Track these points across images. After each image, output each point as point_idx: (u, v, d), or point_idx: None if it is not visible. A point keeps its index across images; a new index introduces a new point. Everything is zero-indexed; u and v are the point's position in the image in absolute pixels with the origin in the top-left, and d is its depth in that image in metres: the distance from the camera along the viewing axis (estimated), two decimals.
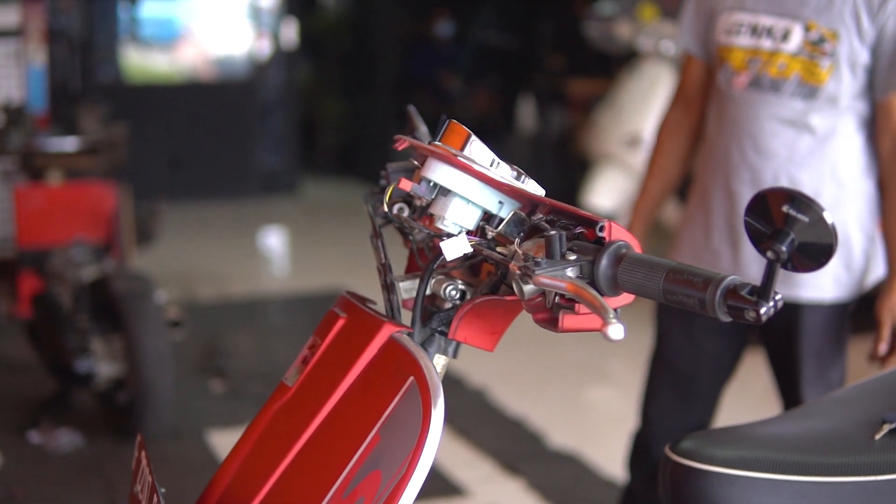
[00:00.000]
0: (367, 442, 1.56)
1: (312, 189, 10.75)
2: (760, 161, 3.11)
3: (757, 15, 3.08)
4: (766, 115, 3.08)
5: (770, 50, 3.05)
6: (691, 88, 3.38)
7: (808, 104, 3.03)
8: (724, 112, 3.19)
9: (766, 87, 3.08)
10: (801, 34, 3.00)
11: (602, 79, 9.52)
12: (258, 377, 5.52)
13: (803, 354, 3.18)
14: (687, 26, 3.33)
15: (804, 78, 3.02)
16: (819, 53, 2.99)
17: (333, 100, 11.62)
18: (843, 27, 2.95)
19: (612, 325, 1.39)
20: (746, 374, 3.57)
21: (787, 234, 1.42)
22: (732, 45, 3.13)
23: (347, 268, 7.89)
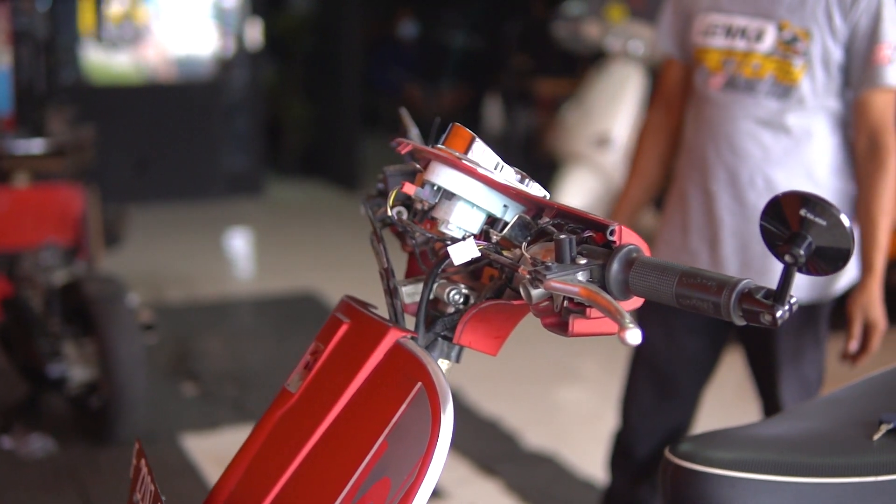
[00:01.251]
0: (374, 449, 1.54)
1: (277, 190, 10.71)
2: (736, 161, 3.12)
3: (731, 16, 3.09)
4: (742, 116, 3.09)
5: (744, 50, 3.06)
6: (671, 90, 3.38)
7: (782, 104, 3.04)
8: (701, 113, 3.20)
9: (741, 88, 3.08)
10: (774, 34, 3.02)
11: (568, 79, 9.53)
12: (230, 379, 5.49)
13: (781, 354, 3.19)
14: (665, 28, 3.33)
15: (778, 78, 3.03)
16: (792, 53, 3.00)
17: (298, 101, 11.58)
18: (815, 26, 2.97)
19: (629, 329, 1.38)
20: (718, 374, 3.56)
21: (805, 238, 1.42)
22: (708, 47, 3.14)
23: (315, 269, 7.86)
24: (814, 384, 3.28)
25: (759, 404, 3.39)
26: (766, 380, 3.28)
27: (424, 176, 1.73)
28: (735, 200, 3.14)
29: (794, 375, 3.22)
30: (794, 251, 1.42)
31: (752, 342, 3.31)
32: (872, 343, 3.05)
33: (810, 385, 3.27)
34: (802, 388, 3.25)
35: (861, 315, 3.02)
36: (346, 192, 10.69)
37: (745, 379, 5.39)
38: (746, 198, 3.12)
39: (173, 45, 10.25)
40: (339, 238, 8.96)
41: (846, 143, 3.12)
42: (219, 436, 4.79)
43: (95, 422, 4.64)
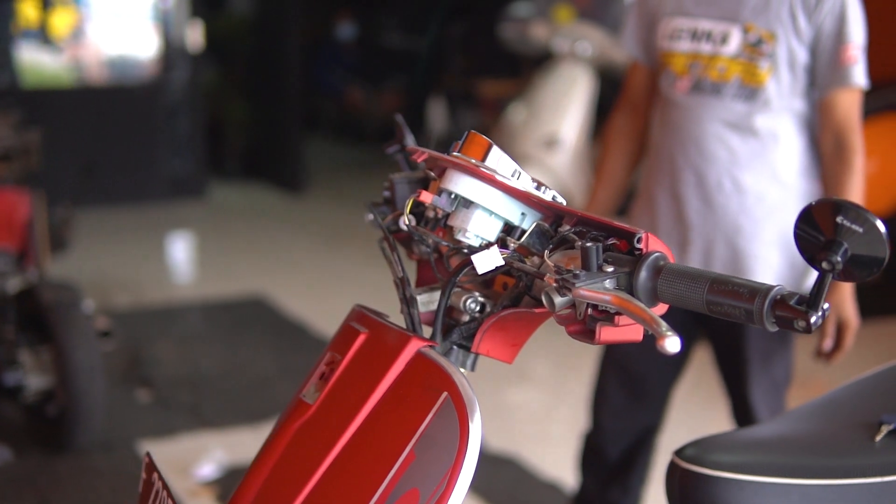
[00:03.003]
0: (401, 459, 1.52)
1: (220, 193, 10.64)
2: (704, 164, 3.13)
3: (696, 19, 3.10)
4: (709, 119, 3.10)
5: (710, 53, 3.08)
6: (636, 94, 3.39)
7: (749, 106, 3.06)
8: (668, 117, 3.21)
9: (707, 91, 3.10)
10: (739, 36, 3.03)
11: (512, 80, 9.55)
12: (185, 385, 5.45)
13: (751, 354, 3.21)
14: (631, 32, 3.34)
15: (744, 80, 3.05)
16: (758, 55, 3.02)
17: (239, 103, 11.52)
18: (780, 27, 2.99)
19: (668, 337, 1.38)
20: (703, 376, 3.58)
21: (841, 245, 1.42)
22: (673, 51, 3.15)
23: (263, 272, 7.82)
24: (782, 383, 3.30)
25: (728, 403, 3.41)
26: (736, 380, 3.30)
27: (441, 184, 1.71)
28: (703, 203, 3.15)
29: (764, 375, 3.24)
30: (832, 258, 1.42)
31: (721, 342, 3.33)
32: (846, 341, 3.08)
33: (779, 384, 3.29)
34: (771, 388, 3.28)
35: (834, 314, 3.05)
36: (289, 195, 10.64)
37: None
38: (714, 200, 3.13)
39: (109, 46, 10.14)
40: (284, 241, 8.91)
41: (812, 144, 3.14)
42: (177, 443, 4.75)
43: (53, 430, 4.58)
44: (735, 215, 3.12)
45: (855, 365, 5.70)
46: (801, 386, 5.46)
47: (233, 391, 5.42)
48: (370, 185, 11.34)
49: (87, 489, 4.32)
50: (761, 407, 3.27)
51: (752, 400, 3.26)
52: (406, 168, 2.11)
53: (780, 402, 3.32)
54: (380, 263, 6.84)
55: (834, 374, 5.54)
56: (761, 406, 3.27)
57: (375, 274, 7.87)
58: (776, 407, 3.30)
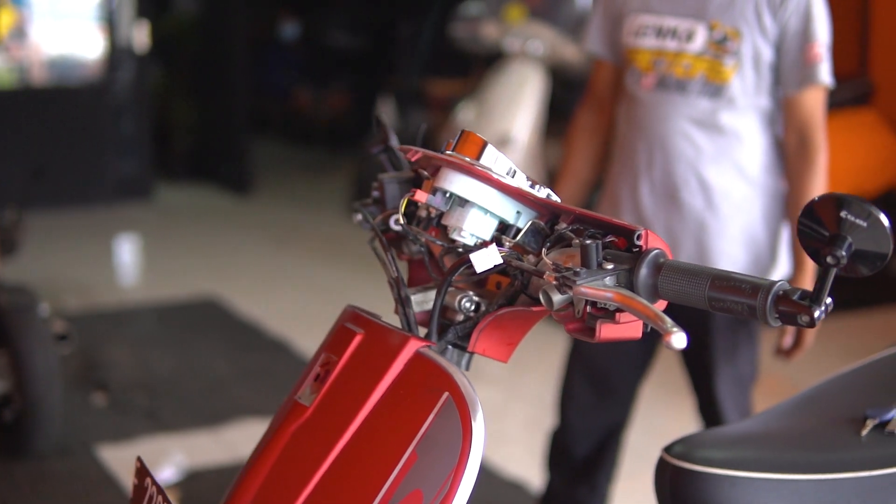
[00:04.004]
0: (403, 461, 1.52)
1: (167, 194, 10.55)
2: (669, 161, 3.14)
3: (662, 16, 3.11)
4: (674, 116, 3.11)
5: (675, 51, 3.09)
6: (601, 91, 3.40)
7: (714, 103, 3.07)
8: (633, 113, 3.21)
9: (672, 88, 3.11)
10: (704, 34, 3.04)
11: (461, 79, 9.54)
12: (140, 388, 5.40)
13: (716, 351, 3.23)
14: (596, 29, 3.35)
15: (709, 77, 3.06)
16: (722, 52, 3.03)
17: (185, 103, 11.43)
18: (745, 25, 3.00)
19: (675, 333, 1.38)
20: None
21: (845, 239, 1.42)
22: (639, 47, 3.16)
23: (213, 274, 7.77)
24: (748, 380, 3.32)
25: (694, 400, 3.42)
26: (702, 376, 3.31)
27: (435, 183, 1.71)
28: (668, 199, 3.16)
29: (729, 372, 3.26)
30: (837, 253, 1.42)
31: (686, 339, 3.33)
32: (806, 339, 3.10)
33: (744, 381, 3.31)
34: (737, 385, 3.29)
35: None
36: (236, 196, 10.58)
37: None
38: (680, 197, 3.15)
39: (52, 47, 10.03)
40: (234, 242, 8.86)
41: (777, 141, 3.16)
42: (135, 446, 4.70)
43: (9, 435, 4.52)
44: (700, 212, 3.13)
45: (833, 357, 5.75)
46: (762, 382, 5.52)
47: (189, 394, 5.37)
48: (318, 186, 11.32)
49: (46, 495, 4.27)
50: (727, 403, 3.28)
51: (717, 396, 3.28)
52: (390, 168, 2.10)
53: (746, 397, 3.34)
54: (330, 263, 6.86)
55: (798, 371, 5.58)
56: (727, 402, 3.28)
57: (327, 274, 7.87)
58: (742, 403, 3.32)
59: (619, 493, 3.83)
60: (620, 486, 3.81)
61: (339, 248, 8.70)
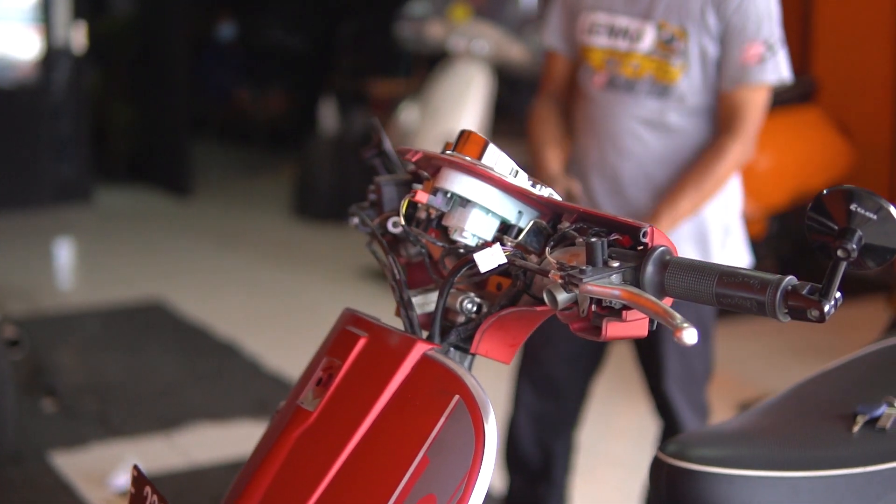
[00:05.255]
0: (414, 465, 1.50)
1: (106, 197, 10.44)
2: (619, 160, 3.15)
3: (614, 15, 3.12)
4: (624, 116, 3.12)
5: (625, 50, 3.10)
6: (556, 83, 3.38)
7: (662, 103, 3.08)
8: (585, 111, 3.22)
9: (621, 88, 3.12)
10: (653, 34, 3.06)
11: (403, 79, 9.53)
12: (90, 393, 5.33)
13: (666, 347, 3.23)
14: (554, 24, 3.34)
15: (657, 77, 3.08)
16: (670, 52, 3.04)
17: (123, 105, 11.32)
18: (692, 25, 3.02)
19: (686, 329, 1.38)
20: None
21: (855, 232, 1.42)
22: (591, 45, 3.17)
23: (157, 277, 7.71)
24: (701, 377, 3.33)
25: (648, 398, 3.42)
26: (654, 374, 3.32)
27: (436, 183, 1.69)
28: (618, 197, 3.17)
29: (681, 369, 3.27)
30: (847, 246, 1.42)
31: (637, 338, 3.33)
32: None
33: (698, 378, 3.32)
34: (690, 382, 3.30)
35: None
36: (177, 198, 10.49)
37: None
38: (628, 195, 3.15)
39: None
40: (176, 245, 8.79)
41: None
42: (88, 452, 4.65)
43: None
44: (648, 210, 3.13)
45: (789, 355, 5.80)
46: (718, 380, 5.56)
47: (140, 398, 5.32)
48: (259, 187, 11.27)
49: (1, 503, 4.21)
50: (681, 400, 3.28)
51: (670, 393, 3.28)
52: (384, 172, 2.08)
53: (701, 394, 3.35)
54: (275, 264, 6.83)
55: (754, 368, 5.62)
56: (681, 399, 3.28)
57: (272, 274, 7.83)
58: (697, 400, 3.33)
59: (578, 485, 3.83)
60: (577, 479, 3.81)
61: (283, 248, 8.66)
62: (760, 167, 6.62)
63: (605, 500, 4.28)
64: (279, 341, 6.23)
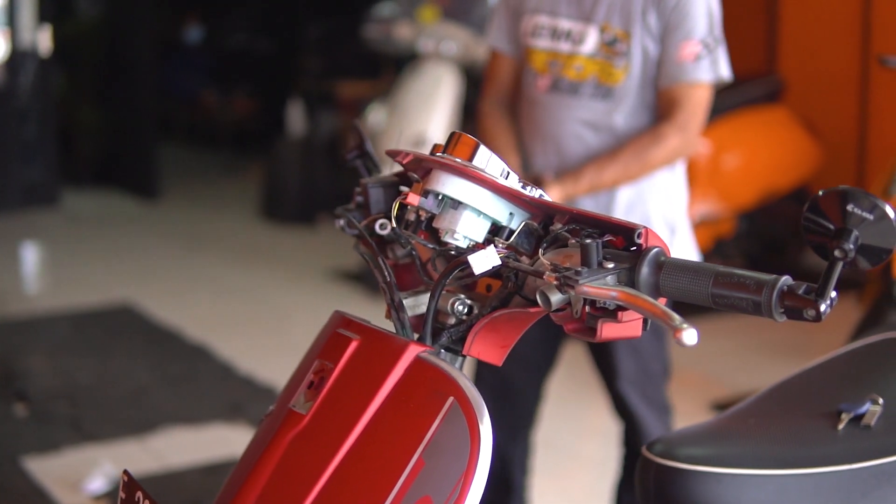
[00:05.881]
0: (409, 467, 1.50)
1: (74, 200, 10.39)
2: (564, 162, 3.15)
3: (557, 18, 3.13)
4: (568, 118, 3.13)
5: (568, 53, 3.11)
6: (501, 84, 3.36)
7: (606, 105, 3.09)
8: (530, 114, 3.22)
9: (564, 90, 3.12)
10: (596, 36, 3.07)
11: (370, 81, 9.52)
12: (62, 398, 5.30)
13: (618, 349, 3.23)
14: (499, 25, 3.33)
15: (601, 79, 3.09)
16: (613, 54, 3.06)
17: (89, 108, 11.27)
18: (633, 26, 3.04)
19: (685, 330, 1.38)
20: None
21: (851, 232, 1.44)
22: (534, 48, 3.18)
23: (126, 280, 7.68)
24: (659, 376, 3.32)
25: (606, 398, 3.41)
26: (608, 374, 3.31)
27: (427, 185, 1.69)
28: (566, 198, 3.17)
29: (636, 369, 3.26)
30: (845, 246, 1.44)
31: None
32: None
33: (655, 377, 3.31)
34: (646, 381, 3.29)
35: None
36: (144, 201, 10.46)
37: None
38: (574, 197, 3.14)
39: None
40: (144, 248, 8.76)
41: None
42: (62, 457, 4.62)
43: None
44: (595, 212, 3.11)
45: (751, 352, 5.82)
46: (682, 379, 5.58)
47: (112, 402, 5.29)
48: (225, 189, 11.24)
49: None
50: (638, 400, 3.26)
51: (625, 393, 3.26)
52: (366, 174, 2.08)
53: (660, 393, 3.34)
54: (244, 266, 6.82)
55: (718, 367, 5.65)
56: (638, 399, 3.26)
57: (241, 277, 7.82)
58: (657, 399, 3.32)
59: (552, 489, 3.84)
60: (554, 485, 3.82)
61: (252, 250, 8.64)
62: (728, 167, 6.66)
63: (576, 499, 4.29)
64: (250, 344, 6.22)
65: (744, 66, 7.72)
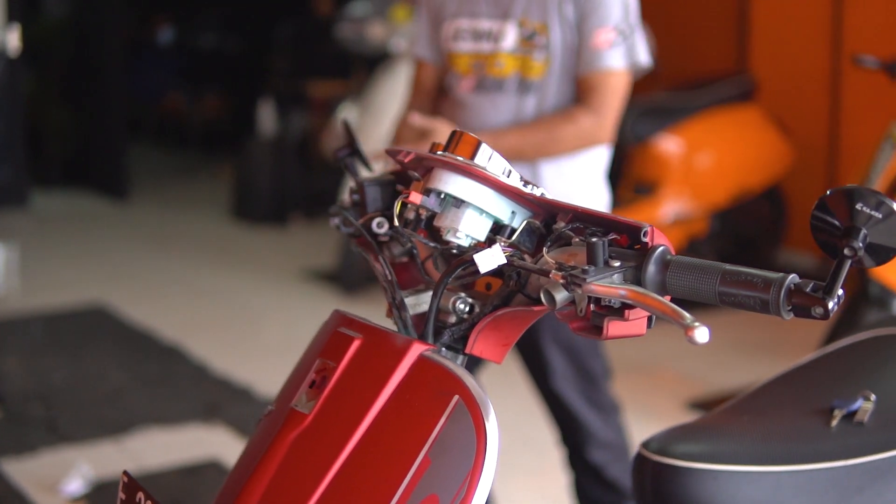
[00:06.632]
0: (415, 466, 1.50)
1: (43, 201, 10.34)
2: None
3: (477, 19, 3.14)
4: (493, 115, 3.13)
5: (490, 52, 3.12)
6: (425, 93, 3.35)
7: (530, 99, 3.09)
8: (456, 117, 3.20)
9: (489, 88, 3.13)
10: (515, 31, 3.08)
11: (341, 80, 9.52)
12: (36, 399, 5.28)
13: (547, 347, 3.20)
14: (422, 34, 3.33)
15: (523, 74, 3.10)
16: (532, 48, 3.07)
17: (58, 108, 11.21)
18: (550, 18, 3.04)
19: (697, 328, 1.39)
20: None
21: (860, 231, 1.45)
22: (457, 52, 3.18)
23: (98, 281, 7.65)
24: (599, 375, 3.29)
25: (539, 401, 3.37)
26: (540, 374, 3.28)
27: (429, 184, 1.69)
28: None
29: (572, 369, 3.22)
30: (854, 244, 1.45)
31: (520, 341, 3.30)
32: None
33: (595, 377, 3.28)
34: (586, 381, 3.27)
35: None
36: (114, 202, 10.42)
37: None
38: None
39: None
40: (115, 248, 8.73)
41: None
42: (38, 459, 4.60)
43: None
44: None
45: (727, 351, 5.83)
46: (660, 376, 5.60)
47: (87, 403, 5.27)
48: (195, 189, 11.21)
49: None
50: (576, 400, 3.23)
51: (562, 392, 3.23)
52: (355, 172, 2.08)
53: (602, 394, 3.32)
54: (216, 266, 6.80)
55: (695, 364, 5.67)
56: (576, 399, 3.23)
57: (213, 277, 7.80)
58: (599, 400, 3.30)
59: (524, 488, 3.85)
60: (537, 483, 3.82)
61: (223, 250, 8.63)
62: (701, 166, 6.68)
63: (556, 498, 4.29)
64: (224, 344, 6.20)
65: (715, 65, 7.76)
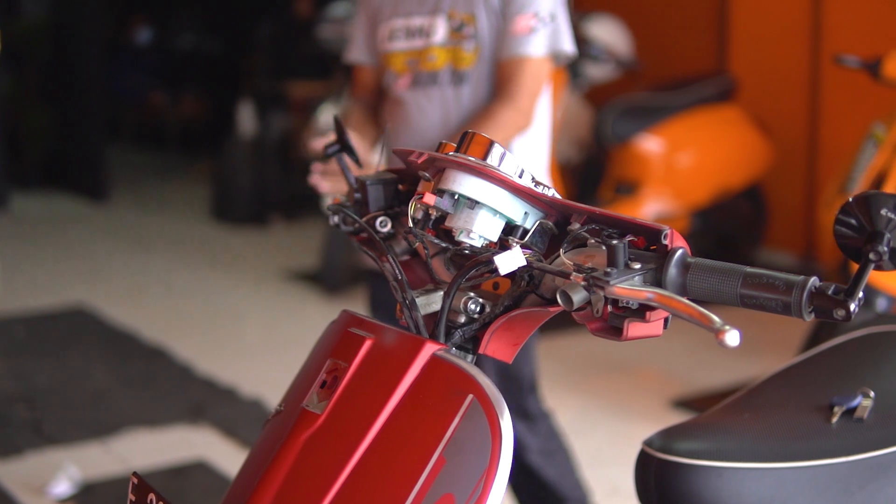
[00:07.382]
0: (430, 465, 1.51)
1: (22, 202, 10.31)
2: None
3: (410, 17, 3.19)
4: (430, 109, 3.17)
5: (422, 47, 3.16)
6: (365, 92, 3.40)
7: (463, 89, 3.14)
8: (395, 114, 3.24)
9: (424, 83, 3.17)
10: (444, 25, 3.13)
11: (321, 80, 9.51)
12: (21, 401, 5.28)
13: None
14: (357, 38, 3.37)
15: (455, 65, 3.14)
16: (461, 39, 3.12)
17: (37, 109, 11.17)
18: (476, 8, 3.10)
19: (728, 332, 1.39)
20: None
21: (884, 235, 1.46)
22: (392, 51, 3.22)
23: (79, 282, 7.64)
24: (527, 381, 3.31)
25: None
26: None
27: (442, 185, 1.70)
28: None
29: (501, 379, 3.19)
30: (879, 248, 1.46)
31: None
32: None
33: (523, 382, 3.30)
34: (514, 387, 3.27)
35: None
36: (93, 203, 10.39)
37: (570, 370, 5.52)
38: None
39: None
40: (95, 249, 8.71)
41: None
42: (24, 461, 4.60)
43: None
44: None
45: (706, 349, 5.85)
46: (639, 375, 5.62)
47: (72, 405, 5.26)
48: (175, 190, 11.19)
49: None
50: None
51: None
52: (346, 168, 2.08)
53: (529, 401, 3.33)
54: (196, 267, 6.84)
55: (673, 363, 5.68)
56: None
57: (194, 277, 7.81)
58: (528, 406, 3.32)
59: None
60: None
61: (203, 251, 8.62)
62: (682, 165, 6.71)
63: None
64: (208, 345, 6.20)
65: (695, 65, 7.79)
